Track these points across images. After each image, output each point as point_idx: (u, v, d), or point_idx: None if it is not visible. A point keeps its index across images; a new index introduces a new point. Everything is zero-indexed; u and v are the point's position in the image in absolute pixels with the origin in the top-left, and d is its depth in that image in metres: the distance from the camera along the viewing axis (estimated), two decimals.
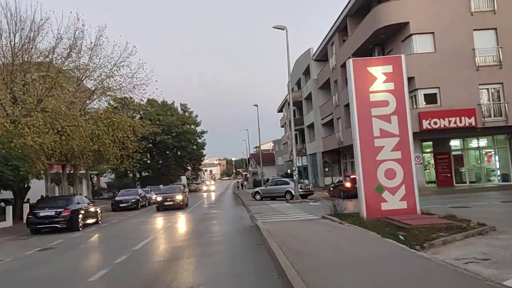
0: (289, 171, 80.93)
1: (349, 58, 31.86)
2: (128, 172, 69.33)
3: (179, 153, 72.15)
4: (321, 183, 41.53)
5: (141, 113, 71.45)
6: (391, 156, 12.66)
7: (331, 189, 28.67)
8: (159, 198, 26.74)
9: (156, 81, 27.63)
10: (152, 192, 36.04)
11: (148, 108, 70.69)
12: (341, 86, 33.12)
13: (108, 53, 26.65)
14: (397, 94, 12.92)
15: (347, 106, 33.96)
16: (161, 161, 73.39)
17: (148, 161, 72.02)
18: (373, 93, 12.93)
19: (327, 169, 42.17)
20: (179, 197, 26.26)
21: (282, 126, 73.90)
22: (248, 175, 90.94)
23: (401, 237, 9.21)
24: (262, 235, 11.17)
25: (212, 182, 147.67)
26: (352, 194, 23.98)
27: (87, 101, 26.70)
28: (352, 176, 27.27)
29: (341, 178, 27.70)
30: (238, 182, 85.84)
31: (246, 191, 54.67)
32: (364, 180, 12.75)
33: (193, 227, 16.61)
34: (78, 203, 17.92)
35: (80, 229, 17.11)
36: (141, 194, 30.39)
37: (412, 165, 12.76)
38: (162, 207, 25.99)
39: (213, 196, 44.31)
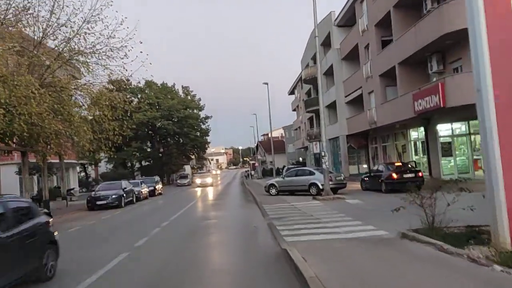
0: (300, 159, 74.75)
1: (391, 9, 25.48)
2: (126, 161, 63.59)
3: (181, 140, 65.86)
4: (344, 173, 34.99)
5: (138, 96, 65.39)
6: None
7: (365, 179, 22.25)
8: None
9: (141, 43, 20.93)
10: (143, 185, 29.86)
11: (146, 91, 64.50)
12: (376, 51, 26.48)
13: (77, 5, 20.24)
14: None
15: (384, 75, 26.27)
16: (162, 149, 67.26)
17: (148, 150, 65.96)
18: None
19: (352, 156, 35.71)
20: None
21: (294, 110, 67.30)
22: (257, 164, 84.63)
23: None
24: None
25: (218, 171, 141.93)
26: (397, 187, 17.80)
27: (49, 68, 20.29)
28: (396, 164, 20.87)
29: (380, 166, 21.20)
30: (247, 171, 79.59)
31: (256, 182, 48.40)
32: (507, 174, 6.28)
33: (170, 254, 9.38)
34: None
35: None
36: (125, 188, 24.17)
37: None
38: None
39: (211, 191, 36.10)
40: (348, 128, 34.63)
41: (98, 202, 22.38)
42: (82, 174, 60.49)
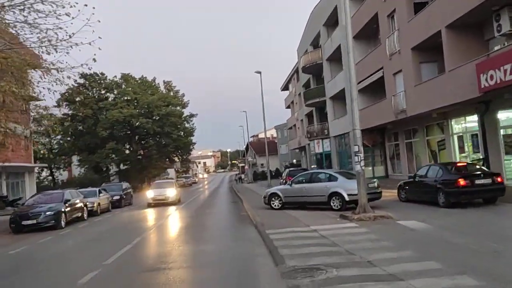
0: (294, 161, 68.31)
1: None
2: (100, 164, 56.36)
3: (162, 140, 58.96)
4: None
5: (115, 92, 58.37)
6: None
7: (406, 187, 15.85)
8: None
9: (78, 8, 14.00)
10: (103, 194, 23.02)
11: (123, 85, 57.55)
12: (406, 18, 20.19)
13: None
14: None
15: (419, 48, 19.38)
16: (141, 150, 60.29)
17: (127, 151, 58.85)
18: None
19: (366, 156, 29.24)
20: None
21: (288, 107, 60.95)
22: (246, 167, 77.93)
23: None
24: None
25: (205, 175, 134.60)
26: (465, 198, 12.71)
27: None
28: (458, 164, 14.63)
29: (432, 168, 14.67)
30: (236, 175, 72.91)
31: (247, 187, 41.76)
32: None
33: None
34: None
35: None
36: (68, 200, 17.37)
37: None
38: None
39: (190, 200, 29.13)
40: (360, 121, 28.20)
41: (25, 222, 15.56)
42: (50, 178, 53.35)
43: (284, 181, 28.73)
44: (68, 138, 54.71)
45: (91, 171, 54.06)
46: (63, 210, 16.43)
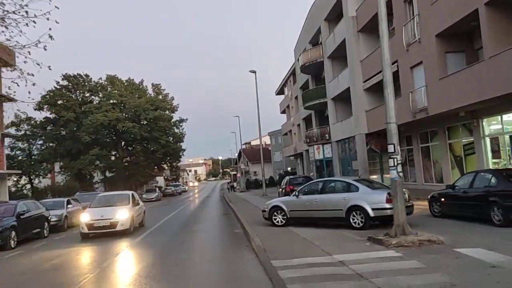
0: (289, 169, 65.25)
1: None
2: (83, 171, 52.76)
3: (150, 147, 55.73)
4: None
5: (100, 94, 55.00)
6: None
7: (442, 200, 12.75)
8: None
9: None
10: (74, 204, 19.57)
11: (109, 87, 54.24)
12: (429, 1, 17.29)
13: None
14: None
15: (445, 35, 16.36)
16: (127, 157, 56.86)
17: (112, 158, 55.32)
18: None
19: (374, 163, 26.28)
20: None
21: (283, 112, 57.92)
22: (239, 175, 74.64)
23: None
24: None
25: (196, 183, 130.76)
26: None
27: None
28: None
29: (479, 176, 11.53)
30: (228, 183, 69.70)
31: (240, 197, 38.52)
32: None
33: None
34: None
35: None
36: (21, 214, 13.95)
37: None
38: None
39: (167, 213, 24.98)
40: (368, 124, 25.38)
41: None
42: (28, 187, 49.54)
43: (283, 191, 25.60)
44: (50, 144, 51.13)
45: (73, 179, 50.42)
46: (13, 226, 13.09)
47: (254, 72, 34.63)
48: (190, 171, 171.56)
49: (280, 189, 27.30)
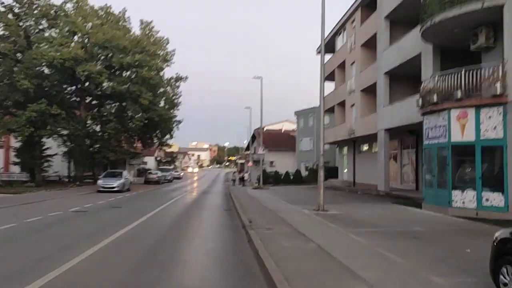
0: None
1: None
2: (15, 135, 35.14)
3: (128, 109, 37.11)
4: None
5: (61, 24, 37.14)
6: None
7: None
8: None
9: None
10: None
11: (71, 12, 36.11)
12: None
13: None
14: None
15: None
16: (92, 123, 39.06)
17: (70, 121, 37.00)
18: None
19: None
20: None
21: (330, 78, 39.47)
22: (250, 163, 55.81)
23: None
24: None
25: (196, 169, 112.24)
26: None
27: None
28: None
29: None
30: (234, 173, 51.30)
31: (255, 197, 20.20)
32: None
33: None
34: None
35: None
36: None
37: None
38: None
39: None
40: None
41: None
42: None
43: None
44: None
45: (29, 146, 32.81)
46: None
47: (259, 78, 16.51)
48: (192, 155, 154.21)
49: None
